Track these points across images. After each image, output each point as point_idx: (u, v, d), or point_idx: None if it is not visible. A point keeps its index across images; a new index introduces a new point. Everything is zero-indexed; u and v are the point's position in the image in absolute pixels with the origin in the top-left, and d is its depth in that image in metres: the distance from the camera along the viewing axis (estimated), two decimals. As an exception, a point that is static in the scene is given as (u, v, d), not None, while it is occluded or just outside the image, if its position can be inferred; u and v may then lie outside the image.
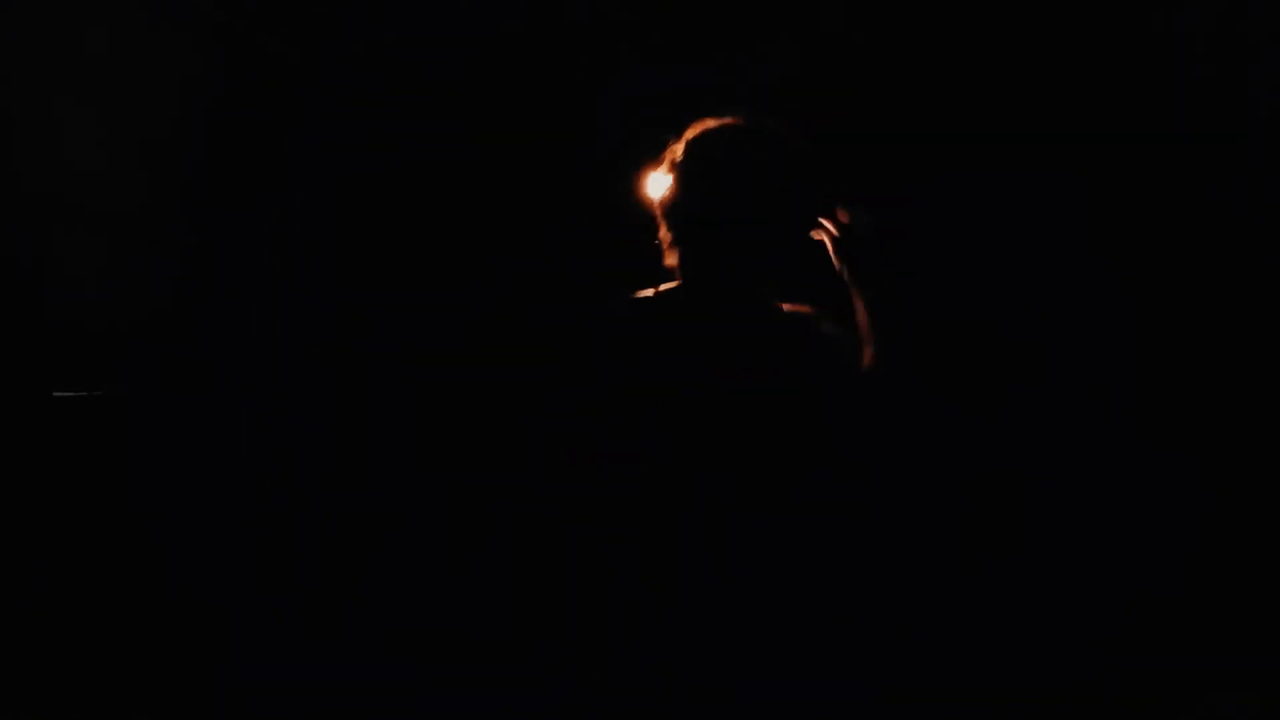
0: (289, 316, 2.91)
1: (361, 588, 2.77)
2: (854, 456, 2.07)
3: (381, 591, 2.76)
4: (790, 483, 2.04)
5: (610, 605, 2.01)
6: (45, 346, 2.71)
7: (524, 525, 2.57)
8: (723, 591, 1.98)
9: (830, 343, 2.10)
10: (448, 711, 2.48)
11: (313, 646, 2.67)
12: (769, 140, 2.09)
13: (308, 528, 2.80)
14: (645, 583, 1.99)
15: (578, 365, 2.09)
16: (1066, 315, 2.81)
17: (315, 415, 2.88)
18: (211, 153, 2.90)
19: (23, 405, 2.66)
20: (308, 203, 2.94)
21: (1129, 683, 2.52)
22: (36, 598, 2.56)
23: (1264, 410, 2.71)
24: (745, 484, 2.01)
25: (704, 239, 2.08)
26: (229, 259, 2.91)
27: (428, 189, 2.95)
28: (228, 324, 2.89)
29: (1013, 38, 2.84)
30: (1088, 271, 2.81)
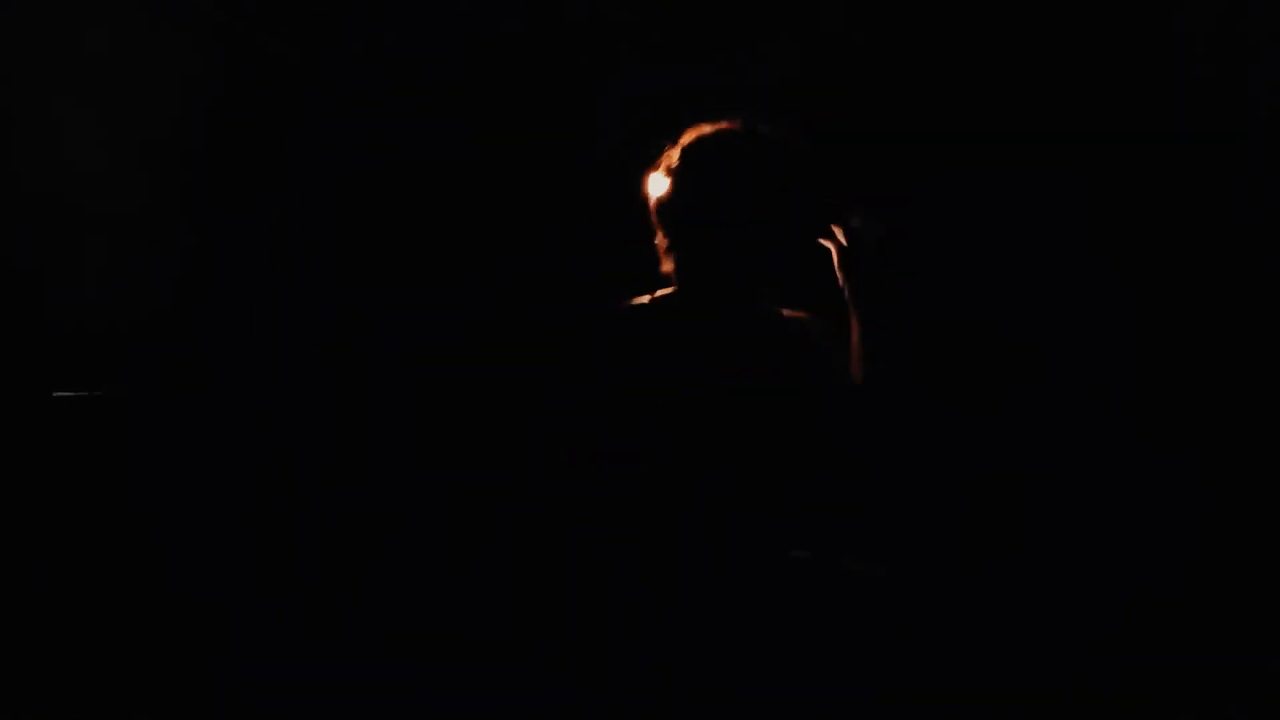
0: (289, 316, 2.91)
1: (361, 588, 2.77)
2: (850, 460, 2.07)
3: (381, 591, 2.76)
4: (787, 486, 2.04)
5: (610, 605, 2.01)
6: (45, 346, 2.71)
7: (524, 525, 2.57)
8: (722, 592, 1.98)
9: (823, 349, 2.10)
10: (448, 711, 2.48)
11: (313, 646, 2.67)
12: (765, 145, 2.08)
13: (308, 528, 2.80)
14: (644, 583, 1.99)
15: (576, 371, 2.09)
16: (1066, 315, 2.81)
17: (315, 415, 2.88)
18: (211, 153, 2.90)
19: (23, 405, 2.66)
20: (308, 203, 2.94)
21: (1129, 683, 2.52)
22: (36, 598, 2.56)
23: (1264, 410, 2.71)
24: (743, 487, 2.01)
25: (700, 245, 2.08)
26: (229, 259, 2.91)
27: (428, 189, 2.95)
28: (228, 324, 2.89)
29: (1013, 38, 2.84)
30: (1088, 271, 2.81)
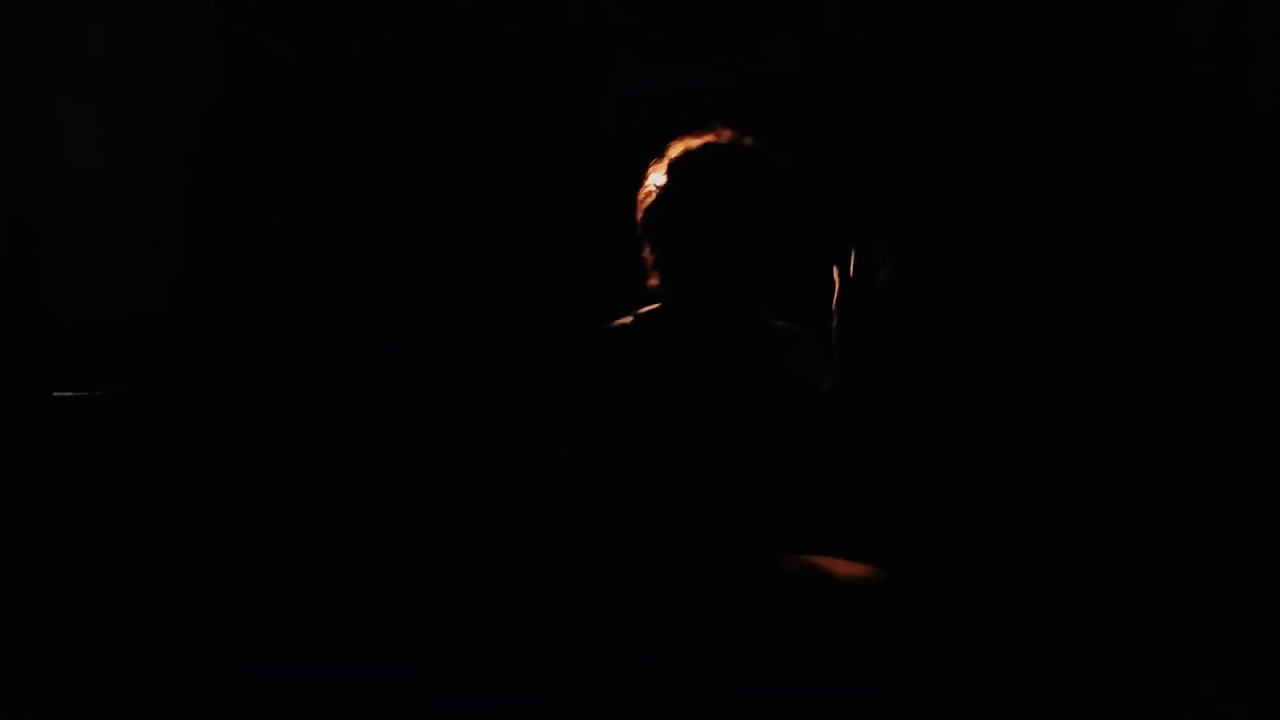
0: (289, 316, 2.91)
1: (361, 588, 2.77)
2: (834, 475, 2.07)
3: (381, 591, 2.77)
4: (778, 495, 2.04)
5: (610, 605, 2.01)
6: (45, 346, 2.71)
7: (524, 526, 2.57)
8: (721, 593, 1.98)
9: (804, 366, 2.09)
10: (448, 711, 2.48)
11: (313, 646, 2.67)
12: (751, 159, 2.06)
13: (308, 528, 2.81)
14: (644, 583, 1.99)
15: (570, 389, 2.08)
16: (1066, 315, 2.81)
17: (315, 415, 2.88)
18: (211, 153, 2.90)
19: (23, 405, 2.66)
20: (308, 203, 2.94)
21: (1129, 683, 2.52)
22: (36, 598, 2.56)
23: (1264, 410, 2.71)
24: (736, 495, 2.02)
25: (688, 259, 2.06)
26: (229, 259, 2.91)
27: (428, 189, 2.95)
28: (228, 324, 2.89)
29: (1013, 38, 2.84)
30: (1088, 271, 2.81)
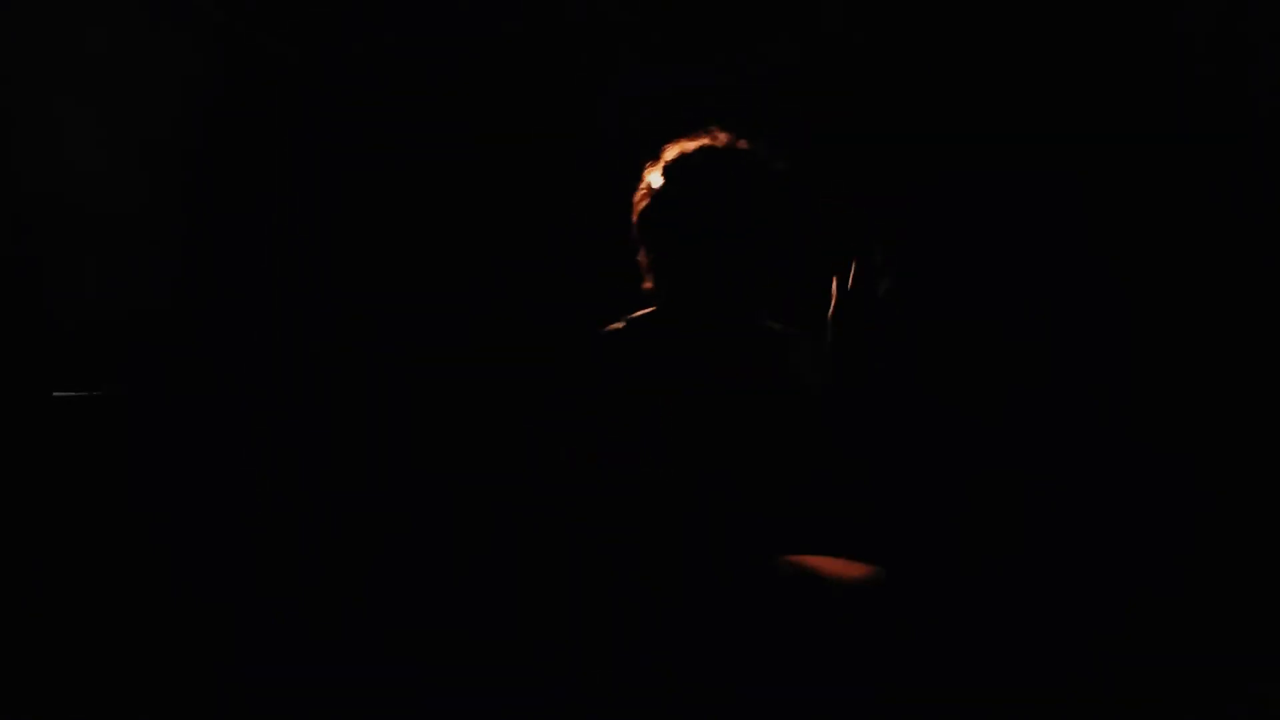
0: (289, 316, 2.91)
1: (361, 588, 2.77)
2: (828, 478, 2.07)
3: (381, 591, 2.76)
4: (776, 498, 2.04)
5: (610, 605, 2.01)
6: (45, 346, 2.71)
7: (524, 525, 2.57)
8: (721, 592, 1.98)
9: (804, 367, 2.08)
10: (448, 711, 2.48)
11: (313, 646, 2.67)
12: (747, 162, 2.05)
13: (308, 528, 2.80)
14: (644, 583, 1.99)
15: (567, 393, 2.08)
16: (1066, 315, 2.81)
17: (315, 415, 2.88)
18: (211, 153, 2.90)
19: (23, 405, 2.66)
20: (308, 203, 2.94)
21: (1129, 683, 2.52)
22: (36, 598, 2.56)
23: (1264, 410, 2.71)
24: (738, 491, 2.01)
25: (681, 263, 2.05)
26: (229, 259, 2.91)
27: (428, 189, 2.95)
28: (228, 324, 2.89)
29: (1013, 38, 2.84)
30: (1088, 271, 2.81)
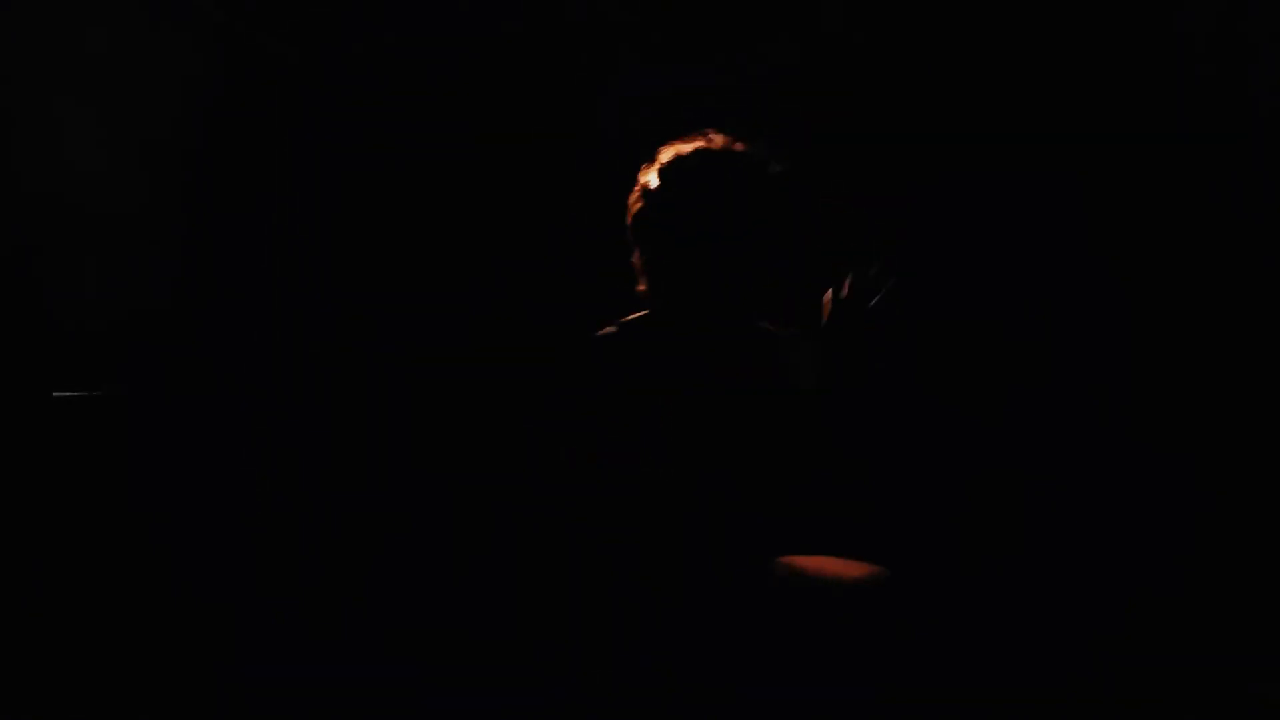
0: (289, 316, 2.91)
1: (361, 588, 2.76)
2: (840, 468, 2.07)
3: (381, 591, 2.76)
4: (780, 491, 2.04)
5: (610, 605, 2.01)
6: (45, 346, 2.71)
7: (524, 525, 2.57)
8: (721, 592, 1.98)
9: (798, 368, 2.08)
10: (448, 711, 2.48)
11: (313, 646, 2.67)
12: (743, 165, 2.05)
13: (308, 528, 2.80)
14: (644, 583, 1.99)
15: (558, 393, 2.07)
16: (1067, 315, 2.81)
17: (315, 415, 2.88)
18: (211, 153, 2.90)
19: (23, 405, 2.66)
20: (308, 203, 2.94)
21: (1129, 683, 2.52)
22: (36, 598, 2.56)
23: (1264, 410, 2.71)
24: (735, 492, 2.01)
25: (675, 265, 2.04)
26: (229, 259, 2.91)
27: (428, 189, 2.95)
28: (228, 324, 2.89)
29: (1013, 38, 2.84)
30: (1088, 271, 2.80)
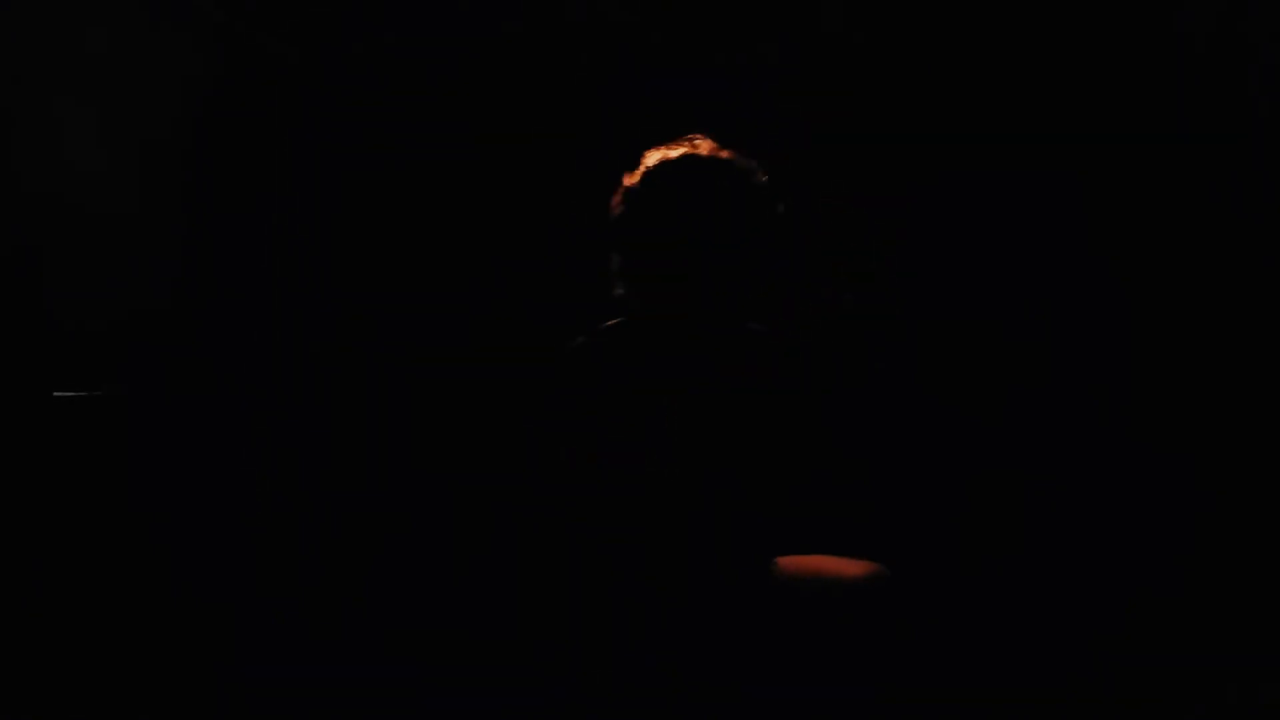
0: (289, 316, 2.91)
1: (361, 588, 2.77)
2: (840, 468, 2.07)
3: (381, 591, 2.76)
4: (778, 491, 2.04)
5: (610, 605, 2.01)
6: (45, 346, 2.71)
7: (524, 525, 2.57)
8: (721, 592, 1.98)
9: (787, 368, 2.08)
10: (448, 711, 2.48)
11: (313, 646, 2.67)
12: (728, 171, 2.03)
13: (308, 528, 2.80)
14: (644, 583, 1.99)
15: (543, 400, 2.07)
16: (1066, 315, 2.81)
17: (315, 415, 2.88)
18: (211, 153, 2.90)
19: (23, 405, 2.66)
20: (308, 203, 2.94)
21: (1129, 683, 2.52)
22: (36, 598, 2.56)
23: (1264, 410, 2.71)
24: (729, 492, 2.01)
25: (654, 270, 2.03)
26: (229, 259, 2.91)
27: (428, 189, 2.95)
28: (228, 324, 2.89)
29: (1013, 38, 2.84)
30: (1088, 271, 2.81)
